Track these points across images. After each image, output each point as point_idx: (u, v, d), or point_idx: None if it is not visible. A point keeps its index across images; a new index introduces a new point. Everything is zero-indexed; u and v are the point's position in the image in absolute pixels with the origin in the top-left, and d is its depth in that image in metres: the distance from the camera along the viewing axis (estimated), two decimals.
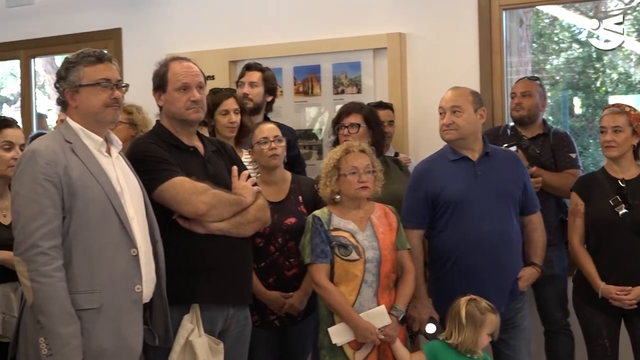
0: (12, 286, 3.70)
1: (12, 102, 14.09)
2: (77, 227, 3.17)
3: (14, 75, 13.75)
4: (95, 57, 3.35)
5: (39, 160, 3.17)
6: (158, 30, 6.39)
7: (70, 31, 6.69)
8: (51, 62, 11.77)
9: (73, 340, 3.07)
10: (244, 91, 5.06)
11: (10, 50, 7.10)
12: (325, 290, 3.92)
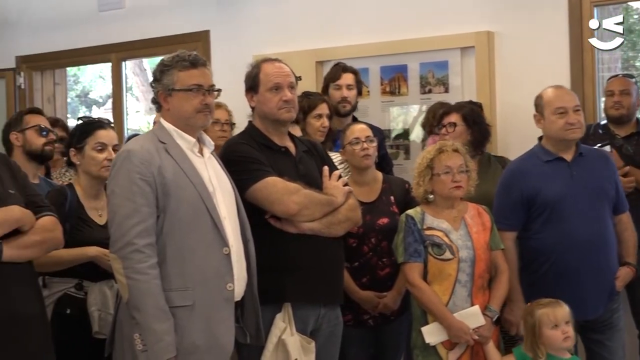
0: (109, 284, 3.76)
1: (101, 104, 14.38)
2: (170, 226, 3.22)
3: (102, 78, 14.04)
4: (190, 62, 3.38)
5: (134, 160, 3.23)
6: (245, 31, 6.44)
7: (160, 34, 6.79)
8: (139, 64, 12.01)
9: (167, 336, 3.12)
10: (343, 95, 5.10)
11: (102, 54, 7.22)
12: (419, 289, 3.90)
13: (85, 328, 3.71)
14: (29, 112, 4.65)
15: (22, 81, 7.58)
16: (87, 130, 3.96)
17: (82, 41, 7.20)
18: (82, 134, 3.95)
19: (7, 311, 2.94)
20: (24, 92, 7.59)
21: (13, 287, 2.99)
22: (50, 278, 3.78)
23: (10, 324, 2.95)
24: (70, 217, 3.57)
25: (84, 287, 3.78)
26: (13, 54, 7.58)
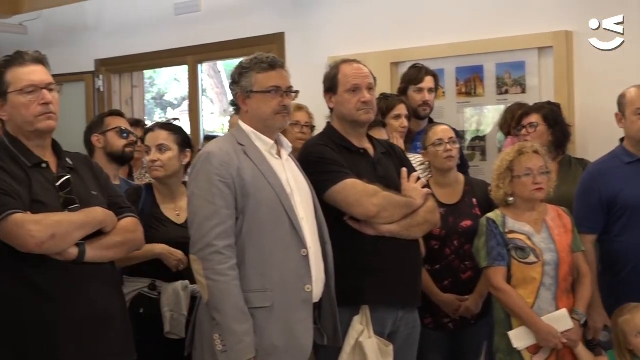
0: (183, 284, 3.80)
1: (175, 106, 14.58)
2: (249, 228, 3.24)
3: (177, 80, 14.24)
4: (268, 64, 3.41)
5: (213, 162, 3.26)
6: (320, 33, 6.44)
7: (235, 36, 6.83)
8: (214, 67, 12.14)
9: (246, 337, 3.14)
10: (425, 98, 5.09)
11: (179, 56, 7.31)
12: (505, 293, 3.85)
13: (158, 328, 3.76)
14: (109, 114, 4.73)
15: (101, 84, 7.71)
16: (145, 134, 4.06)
17: (159, 44, 7.29)
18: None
19: (90, 311, 2.98)
20: (103, 95, 7.73)
21: (95, 288, 3.03)
22: (126, 277, 3.84)
23: (93, 324, 2.99)
24: (143, 216, 3.63)
25: (157, 287, 3.83)
26: (92, 57, 7.72)
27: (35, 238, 2.83)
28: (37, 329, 2.89)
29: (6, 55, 3.15)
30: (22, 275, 2.90)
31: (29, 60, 3.11)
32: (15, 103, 3.06)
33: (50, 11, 7.63)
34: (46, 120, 3.06)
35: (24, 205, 2.89)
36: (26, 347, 2.88)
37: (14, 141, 3.07)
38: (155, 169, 3.93)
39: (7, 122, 3.10)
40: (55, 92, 3.12)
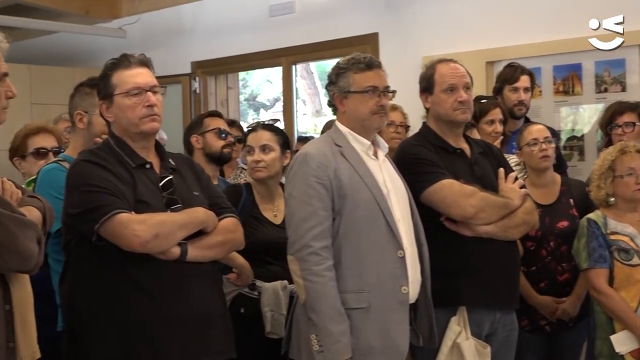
0: (282, 284, 3.84)
1: (268, 107, 14.67)
2: (346, 229, 3.26)
3: (269, 81, 14.33)
4: (365, 64, 3.42)
5: (310, 163, 3.28)
6: (414, 33, 6.42)
7: (329, 37, 6.86)
8: (306, 67, 12.19)
9: (343, 338, 3.16)
10: (520, 98, 5.03)
11: (273, 58, 7.37)
12: (607, 296, 3.78)
13: (258, 327, 3.80)
14: (208, 115, 4.80)
15: (197, 86, 7.84)
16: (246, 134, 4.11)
17: (254, 46, 7.37)
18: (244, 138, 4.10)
19: (191, 310, 3.02)
20: (199, 96, 7.85)
21: (197, 287, 3.07)
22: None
23: (194, 322, 3.02)
24: (242, 214, 3.67)
25: (257, 287, 3.87)
26: (189, 59, 7.85)
27: (140, 237, 2.89)
28: (140, 327, 2.94)
29: (112, 58, 3.22)
30: (126, 274, 2.96)
31: (134, 63, 3.18)
32: (120, 105, 3.12)
33: (148, 15, 7.78)
34: (150, 122, 3.12)
35: (128, 205, 2.96)
36: (130, 345, 2.94)
37: (119, 142, 3.14)
38: (258, 169, 3.98)
39: (113, 123, 3.17)
40: (159, 94, 3.18)
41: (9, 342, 2.60)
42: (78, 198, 2.97)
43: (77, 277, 3.06)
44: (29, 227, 2.56)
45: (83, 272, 3.04)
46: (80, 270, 3.05)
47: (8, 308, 2.61)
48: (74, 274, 3.08)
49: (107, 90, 3.15)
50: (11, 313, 2.62)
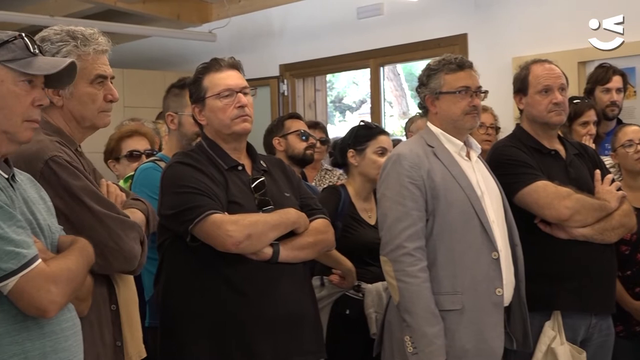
0: (384, 285, 3.83)
1: (354, 109, 14.69)
2: (439, 230, 3.24)
3: (355, 83, 14.35)
4: (456, 65, 3.40)
5: (404, 163, 3.27)
6: (503, 33, 6.34)
7: (417, 39, 6.83)
8: (393, 69, 12.18)
9: (437, 340, 3.14)
10: (613, 98, 4.94)
11: (361, 60, 7.37)
12: None
13: (362, 329, 3.80)
14: (289, 117, 4.82)
15: (285, 88, 7.89)
16: (370, 134, 4.06)
17: (341, 48, 7.39)
18: (363, 137, 4.05)
19: (282, 310, 3.03)
20: (287, 99, 7.90)
21: (288, 287, 3.08)
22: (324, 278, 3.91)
23: (285, 322, 3.03)
24: (342, 215, 3.67)
25: (361, 289, 3.87)
26: (277, 62, 7.91)
27: (233, 238, 2.91)
28: (233, 326, 2.97)
29: (203, 63, 3.26)
30: (220, 274, 2.99)
31: (225, 66, 3.21)
32: (212, 107, 3.16)
33: (237, 18, 7.87)
34: (242, 122, 3.15)
35: (221, 206, 2.99)
36: (223, 343, 2.97)
37: (212, 145, 3.17)
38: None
39: (206, 126, 3.21)
40: (249, 96, 3.21)
41: (116, 341, 2.66)
42: (172, 199, 3.02)
43: (171, 277, 3.11)
44: (132, 229, 2.62)
45: (177, 272, 3.08)
46: (175, 270, 3.10)
47: (114, 308, 2.68)
48: (168, 274, 3.12)
49: (199, 93, 3.19)
50: (117, 313, 2.68)
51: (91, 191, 2.56)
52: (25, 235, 2.12)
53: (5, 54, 2.22)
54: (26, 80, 2.24)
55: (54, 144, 2.57)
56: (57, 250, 2.30)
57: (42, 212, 2.32)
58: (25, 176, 2.38)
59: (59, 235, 2.35)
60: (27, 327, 2.13)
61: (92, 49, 2.66)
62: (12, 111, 2.22)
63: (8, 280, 2.05)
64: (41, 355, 2.15)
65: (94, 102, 2.69)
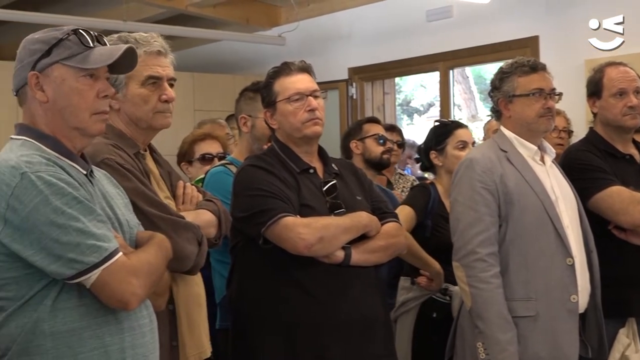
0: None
1: (421, 112, 14.64)
2: (513, 235, 3.20)
3: (423, 86, 14.30)
4: (529, 67, 3.36)
5: (476, 168, 3.25)
6: (576, 35, 6.24)
7: (487, 41, 6.78)
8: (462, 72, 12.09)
9: (510, 347, 3.10)
10: None
11: (430, 63, 7.35)
12: None
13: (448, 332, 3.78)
14: (367, 121, 4.84)
15: (354, 91, 7.90)
16: (446, 132, 4.09)
17: (411, 51, 7.37)
18: (441, 136, 4.08)
19: (354, 314, 3.02)
20: (356, 102, 7.91)
21: (359, 291, 3.07)
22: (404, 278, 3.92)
23: (357, 326, 3.03)
24: (432, 214, 3.66)
25: (448, 292, 3.86)
26: (345, 65, 7.93)
27: (305, 241, 2.92)
28: (305, 328, 2.98)
29: (274, 67, 3.28)
30: (292, 277, 3.00)
31: (295, 70, 3.22)
32: (283, 111, 3.17)
33: (306, 22, 7.89)
34: (313, 125, 3.15)
35: (294, 209, 3.00)
36: (295, 346, 2.98)
37: (283, 148, 3.18)
38: None
39: (277, 130, 3.22)
40: (320, 99, 3.22)
41: (172, 341, 2.68)
42: (245, 202, 3.04)
43: (243, 279, 3.13)
44: (185, 229, 2.62)
45: (250, 274, 3.10)
46: (247, 272, 3.11)
47: (172, 308, 2.70)
48: (240, 276, 3.14)
49: (270, 97, 3.20)
50: (174, 313, 2.70)
51: (142, 193, 2.57)
52: (106, 229, 2.16)
53: (62, 52, 2.24)
54: (87, 74, 2.26)
55: (108, 147, 2.61)
56: (136, 245, 2.34)
57: (120, 207, 2.36)
58: (102, 172, 2.43)
59: (136, 230, 2.39)
60: (107, 321, 2.17)
61: (142, 51, 2.67)
62: (78, 107, 2.26)
63: (90, 273, 2.09)
64: (120, 350, 2.18)
65: (146, 103, 2.71)
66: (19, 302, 2.13)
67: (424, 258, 3.86)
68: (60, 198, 2.09)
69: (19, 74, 2.29)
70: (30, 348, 2.12)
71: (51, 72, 2.25)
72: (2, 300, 2.15)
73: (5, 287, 2.14)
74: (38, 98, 2.26)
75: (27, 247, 2.08)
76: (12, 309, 2.13)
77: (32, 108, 2.29)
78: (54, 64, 2.24)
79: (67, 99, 2.25)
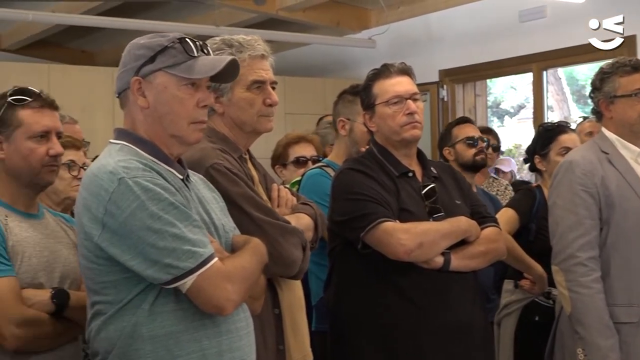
0: None
1: (512, 114, 14.44)
2: (614, 239, 3.15)
3: (513, 88, 14.10)
4: (631, 67, 3.29)
5: (576, 170, 3.20)
6: None
7: (582, 41, 6.60)
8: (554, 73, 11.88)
9: (612, 353, 3.05)
10: None
11: (522, 64, 7.24)
12: None
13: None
14: (457, 123, 4.78)
15: (445, 94, 7.83)
16: (550, 137, 4.04)
17: (503, 52, 7.27)
18: (545, 141, 4.03)
19: (453, 319, 3.01)
20: (447, 104, 7.84)
21: (459, 296, 3.06)
22: (508, 281, 3.89)
23: (456, 332, 3.01)
24: (536, 217, 3.62)
25: (552, 296, 3.82)
26: (436, 68, 7.87)
27: (405, 246, 2.91)
28: (405, 334, 2.97)
29: (373, 69, 3.28)
30: (391, 282, 3.00)
31: (395, 72, 3.22)
32: (382, 114, 3.17)
33: (397, 24, 7.87)
34: (411, 129, 3.14)
35: (393, 214, 2.99)
36: (394, 351, 2.98)
37: (382, 151, 3.18)
38: None
39: (376, 133, 3.22)
40: (419, 102, 3.21)
41: (278, 344, 2.69)
42: (344, 206, 3.05)
43: (342, 283, 3.14)
44: (292, 234, 2.64)
45: (348, 279, 3.11)
46: (346, 277, 3.12)
47: (277, 312, 2.72)
48: (339, 280, 3.16)
49: (369, 100, 3.20)
50: (280, 317, 2.72)
51: (250, 197, 2.59)
52: (202, 234, 2.18)
53: (166, 59, 2.26)
54: (189, 83, 2.27)
55: (216, 151, 2.62)
56: (232, 249, 2.35)
57: (216, 211, 2.39)
58: (198, 177, 2.45)
59: (232, 234, 2.41)
60: (204, 325, 2.19)
61: (247, 55, 2.68)
62: (178, 115, 2.28)
63: (186, 278, 2.11)
64: (217, 353, 2.20)
65: (252, 106, 2.72)
66: (117, 305, 2.17)
67: (526, 261, 3.82)
68: (157, 203, 2.12)
69: (122, 77, 2.32)
70: (129, 352, 2.16)
71: (154, 79, 2.27)
72: (100, 304, 2.20)
73: (103, 291, 2.19)
74: (139, 103, 2.29)
75: (125, 252, 2.12)
76: (111, 313, 2.17)
77: (133, 112, 2.32)
78: (158, 71, 2.27)
79: (167, 106, 2.27)
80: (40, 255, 2.54)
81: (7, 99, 2.60)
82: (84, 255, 2.21)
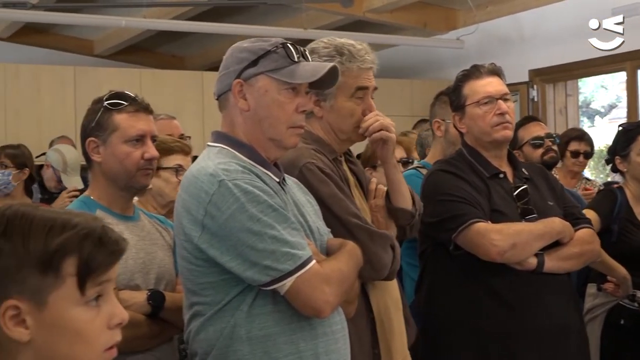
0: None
1: (602, 114, 14.15)
2: None
3: (604, 87, 13.81)
4: None
5: None
6: None
7: None
8: None
9: None
10: None
11: (615, 63, 7.08)
12: None
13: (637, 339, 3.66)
14: (521, 125, 4.63)
15: (535, 94, 7.72)
16: (630, 137, 3.95)
17: (595, 51, 7.10)
18: (625, 142, 3.93)
19: (548, 322, 2.96)
20: (537, 105, 7.73)
21: (553, 298, 3.00)
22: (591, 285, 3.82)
23: (551, 334, 2.96)
24: (618, 219, 3.54)
25: (637, 298, 3.74)
26: (526, 68, 7.76)
27: (497, 247, 2.88)
28: (498, 337, 2.94)
29: (463, 70, 3.25)
30: (484, 283, 2.97)
31: (485, 73, 3.18)
32: (472, 115, 3.13)
33: (485, 24, 7.80)
34: (502, 130, 3.09)
35: (484, 215, 2.96)
36: (487, 353, 2.95)
37: (473, 152, 3.14)
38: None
39: (466, 134, 3.18)
40: (510, 102, 3.16)
41: (374, 348, 2.67)
42: (435, 207, 3.02)
43: (434, 285, 3.12)
44: (380, 237, 2.60)
45: (440, 280, 3.09)
46: (437, 278, 3.10)
47: (371, 315, 2.69)
48: (430, 282, 3.14)
49: (459, 101, 3.17)
50: (373, 320, 2.69)
51: (339, 199, 2.56)
52: (300, 237, 2.18)
53: (268, 64, 2.26)
54: (289, 88, 2.28)
55: (310, 151, 2.61)
56: (326, 252, 2.35)
57: (310, 214, 2.38)
58: (292, 180, 2.45)
59: (327, 237, 2.40)
60: (301, 327, 2.19)
61: (356, 66, 2.66)
62: (277, 119, 2.28)
63: (285, 280, 2.11)
64: (314, 355, 2.20)
65: (352, 116, 2.70)
66: (216, 307, 2.18)
67: (609, 263, 3.73)
68: (256, 205, 2.13)
69: (224, 79, 2.33)
70: (228, 353, 2.17)
71: (255, 82, 2.28)
72: (199, 305, 2.21)
73: (202, 292, 2.20)
74: (240, 106, 2.30)
75: (224, 253, 2.13)
76: (210, 314, 2.19)
77: (233, 115, 2.33)
78: (259, 75, 2.27)
79: (267, 109, 2.28)
80: (136, 257, 2.57)
81: (104, 103, 2.63)
82: (184, 256, 2.23)
